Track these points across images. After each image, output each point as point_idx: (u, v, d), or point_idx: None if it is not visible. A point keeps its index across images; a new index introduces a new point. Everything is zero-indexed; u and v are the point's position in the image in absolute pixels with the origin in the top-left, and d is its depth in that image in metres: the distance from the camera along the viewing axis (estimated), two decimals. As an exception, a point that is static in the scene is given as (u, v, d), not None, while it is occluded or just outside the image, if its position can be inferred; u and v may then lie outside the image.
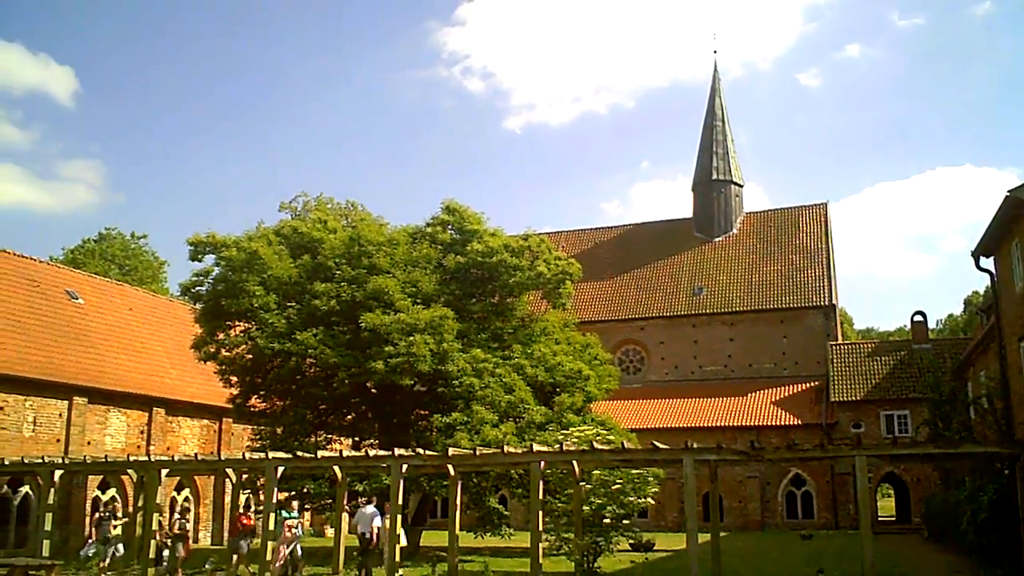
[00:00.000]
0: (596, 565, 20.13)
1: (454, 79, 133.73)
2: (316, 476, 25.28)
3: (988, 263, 21.05)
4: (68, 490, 26.47)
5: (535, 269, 28.01)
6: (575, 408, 27.52)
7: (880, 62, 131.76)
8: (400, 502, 18.70)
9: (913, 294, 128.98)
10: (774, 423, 41.41)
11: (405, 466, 18.90)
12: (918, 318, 43.62)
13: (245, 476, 24.80)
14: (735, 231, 52.84)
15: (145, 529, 20.68)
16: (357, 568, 19.75)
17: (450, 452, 18.99)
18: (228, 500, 29.84)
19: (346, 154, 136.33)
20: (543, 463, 18.03)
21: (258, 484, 25.33)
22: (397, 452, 19.11)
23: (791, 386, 44.60)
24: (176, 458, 22.65)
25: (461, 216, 28.89)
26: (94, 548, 21.34)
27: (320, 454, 20.70)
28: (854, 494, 30.17)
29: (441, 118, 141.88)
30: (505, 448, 18.89)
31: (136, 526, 21.87)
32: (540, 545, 17.33)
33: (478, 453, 18.87)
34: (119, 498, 27.96)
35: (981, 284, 68.50)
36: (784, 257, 49.94)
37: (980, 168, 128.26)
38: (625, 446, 18.34)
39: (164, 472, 21.46)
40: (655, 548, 26.46)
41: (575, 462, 18.46)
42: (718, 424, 41.94)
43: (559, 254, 30.00)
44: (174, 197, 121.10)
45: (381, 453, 19.97)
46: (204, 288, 27.35)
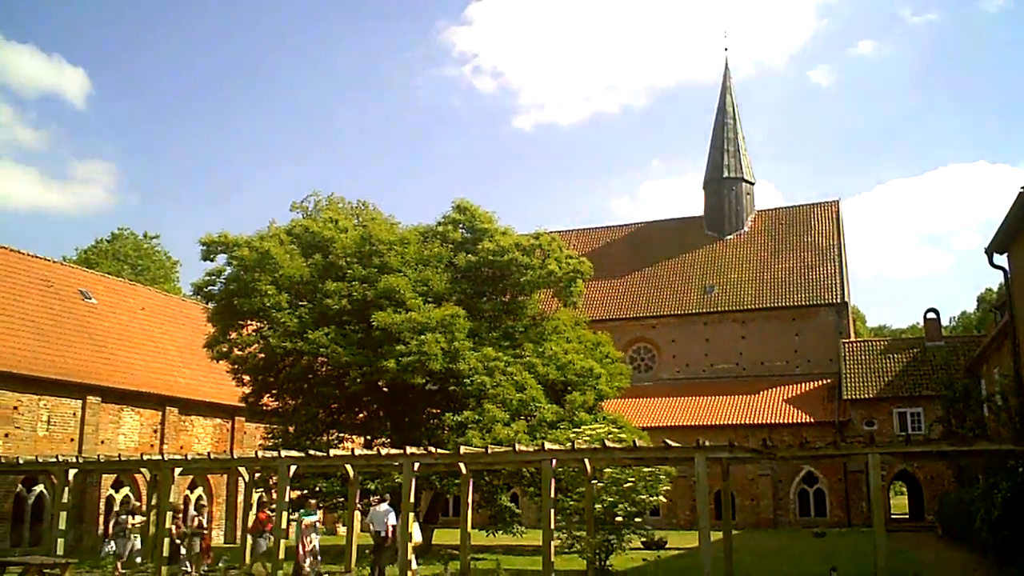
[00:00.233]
0: (608, 563, 20.13)
1: (464, 78, 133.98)
2: (328, 475, 25.40)
3: (1002, 260, 20.90)
4: (82, 489, 26.70)
5: (546, 268, 28.02)
6: (587, 406, 27.50)
7: (892, 59, 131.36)
8: (412, 500, 18.74)
9: (926, 291, 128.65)
10: (786, 421, 41.31)
11: (417, 464, 18.93)
12: (931, 315, 43.44)
13: (258, 475, 24.87)
14: (746, 229, 52.71)
15: (158, 527, 20.79)
16: (370, 566, 19.80)
17: (462, 450, 19.01)
18: (241, 499, 29.96)
19: (357, 154, 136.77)
20: (555, 461, 18.03)
21: (271, 483, 25.44)
22: (409, 450, 19.14)
23: (803, 384, 44.49)
24: (189, 457, 22.77)
25: (472, 215, 28.93)
26: (113, 545, 21.49)
27: (332, 453, 20.75)
28: (867, 492, 30.08)
29: (451, 117, 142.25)
30: (517, 446, 18.87)
31: (150, 524, 21.99)
32: (552, 543, 17.33)
33: (490, 451, 18.87)
34: (132, 496, 28.12)
35: (995, 281, 68.27)
36: (796, 255, 49.78)
37: (994, 165, 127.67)
38: (637, 444, 18.32)
39: (177, 471, 21.57)
40: (667, 546, 26.46)
41: (587, 460, 18.46)
42: (730, 422, 41.82)
43: (570, 252, 29.99)
44: (186, 197, 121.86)
45: (393, 452, 19.99)
46: (216, 288, 27.48)
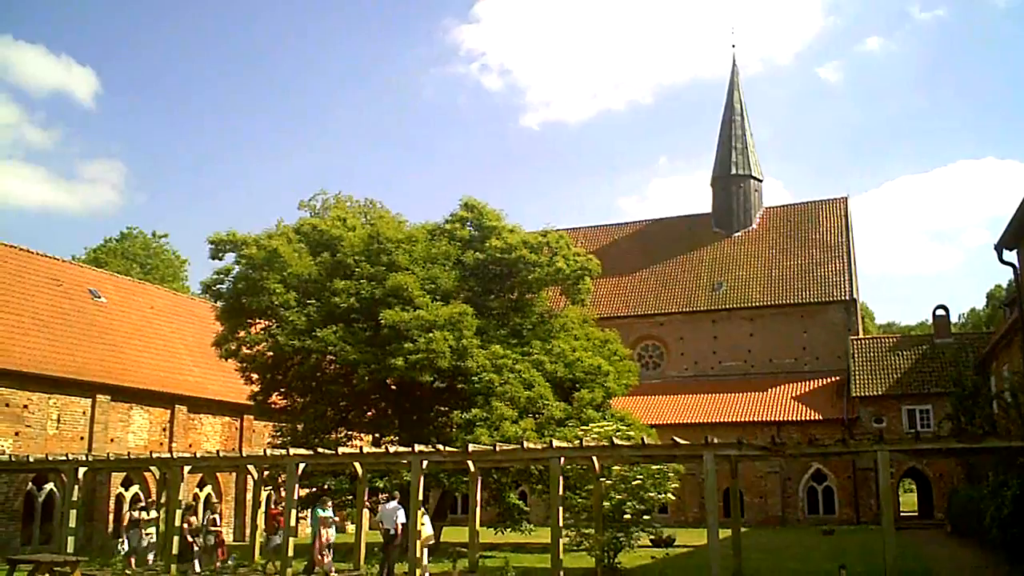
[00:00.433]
0: (616, 561, 20.11)
1: (471, 76, 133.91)
2: (337, 472, 25.49)
3: (1011, 256, 20.80)
4: (92, 487, 26.82)
5: (554, 265, 28.01)
6: (595, 404, 27.48)
7: (900, 55, 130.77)
8: (421, 498, 18.77)
9: (935, 288, 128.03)
10: (795, 418, 41.21)
11: (425, 462, 18.97)
12: (940, 312, 43.27)
13: (267, 473, 24.94)
14: (754, 226, 52.59)
15: (168, 525, 20.87)
16: (380, 564, 19.83)
17: (470, 448, 19.04)
18: (250, 497, 30.05)
19: (365, 152, 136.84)
20: (563, 459, 18.04)
21: (279, 481, 25.51)
22: (417, 448, 19.18)
23: (812, 381, 44.37)
24: (198, 455, 22.88)
25: (480, 213, 28.93)
26: (127, 543, 21.58)
27: (341, 451, 20.83)
28: (876, 489, 29.97)
29: (459, 116, 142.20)
30: (525, 444, 18.90)
31: (160, 522, 22.06)
32: (560, 541, 17.36)
33: (498, 449, 18.89)
34: (141, 494, 28.20)
35: (1004, 277, 67.72)
36: (804, 252, 49.63)
37: (1002, 161, 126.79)
38: (645, 442, 18.33)
39: (186, 469, 21.66)
40: (675, 544, 26.42)
41: (595, 458, 18.48)
42: (738, 420, 41.78)
43: (578, 250, 29.99)
44: (195, 196, 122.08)
45: (401, 449, 20.03)
46: (225, 286, 27.57)
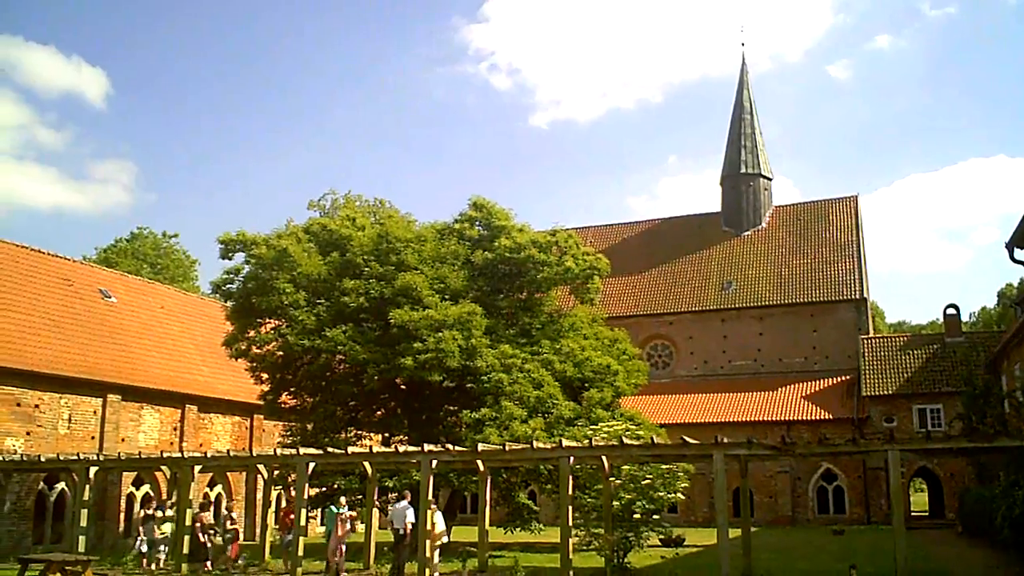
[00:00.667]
0: (626, 560, 20.10)
1: (480, 76, 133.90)
2: (347, 472, 25.50)
3: (1022, 255, 20.70)
4: (103, 487, 26.90)
5: (563, 264, 28.01)
6: (604, 403, 27.48)
7: (910, 53, 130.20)
8: (430, 498, 18.78)
9: (945, 287, 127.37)
10: (805, 418, 41.06)
11: (435, 462, 19.00)
12: (951, 311, 43.06)
13: (276, 472, 25.00)
14: (764, 225, 52.44)
15: (178, 524, 20.95)
16: (391, 563, 19.86)
17: (479, 448, 19.05)
18: (260, 496, 30.15)
19: (374, 152, 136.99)
20: (572, 458, 18.05)
21: (289, 480, 25.57)
22: (427, 448, 19.21)
23: (822, 380, 44.23)
24: (208, 454, 22.95)
25: (489, 212, 28.94)
26: (143, 543, 21.66)
27: (350, 450, 20.86)
28: (886, 489, 29.91)
29: (468, 115, 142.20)
30: (534, 444, 18.91)
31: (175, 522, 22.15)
32: (570, 540, 17.37)
33: (507, 449, 18.91)
34: (152, 493, 28.31)
35: (1015, 276, 67.52)
36: (814, 250, 49.48)
37: (1014, 159, 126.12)
38: (654, 441, 18.34)
39: (197, 468, 21.76)
40: (685, 543, 26.36)
41: (604, 457, 18.47)
42: (748, 419, 41.66)
43: (587, 249, 29.96)
44: (205, 196, 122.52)
45: (411, 449, 20.07)
46: (235, 286, 27.67)
